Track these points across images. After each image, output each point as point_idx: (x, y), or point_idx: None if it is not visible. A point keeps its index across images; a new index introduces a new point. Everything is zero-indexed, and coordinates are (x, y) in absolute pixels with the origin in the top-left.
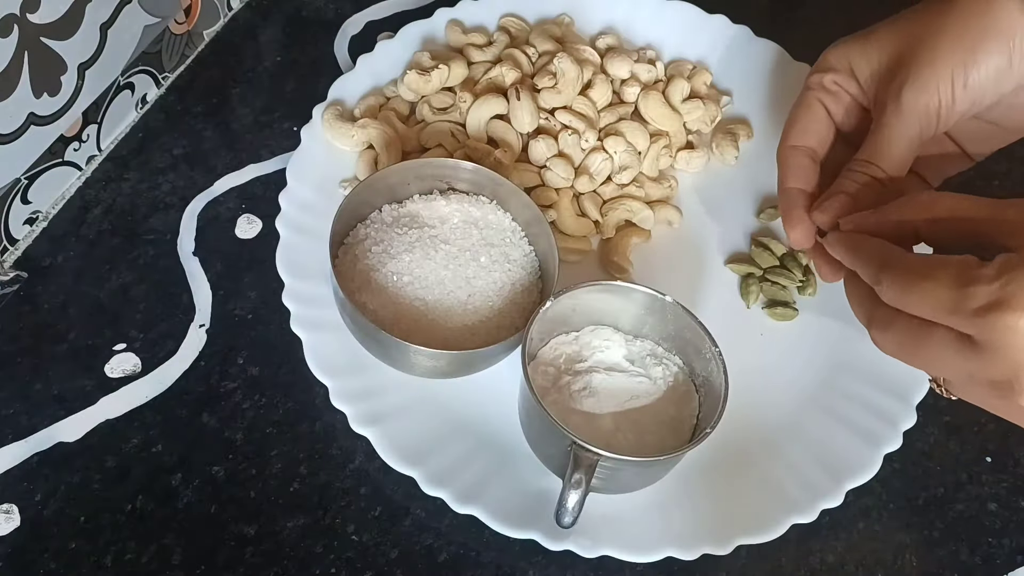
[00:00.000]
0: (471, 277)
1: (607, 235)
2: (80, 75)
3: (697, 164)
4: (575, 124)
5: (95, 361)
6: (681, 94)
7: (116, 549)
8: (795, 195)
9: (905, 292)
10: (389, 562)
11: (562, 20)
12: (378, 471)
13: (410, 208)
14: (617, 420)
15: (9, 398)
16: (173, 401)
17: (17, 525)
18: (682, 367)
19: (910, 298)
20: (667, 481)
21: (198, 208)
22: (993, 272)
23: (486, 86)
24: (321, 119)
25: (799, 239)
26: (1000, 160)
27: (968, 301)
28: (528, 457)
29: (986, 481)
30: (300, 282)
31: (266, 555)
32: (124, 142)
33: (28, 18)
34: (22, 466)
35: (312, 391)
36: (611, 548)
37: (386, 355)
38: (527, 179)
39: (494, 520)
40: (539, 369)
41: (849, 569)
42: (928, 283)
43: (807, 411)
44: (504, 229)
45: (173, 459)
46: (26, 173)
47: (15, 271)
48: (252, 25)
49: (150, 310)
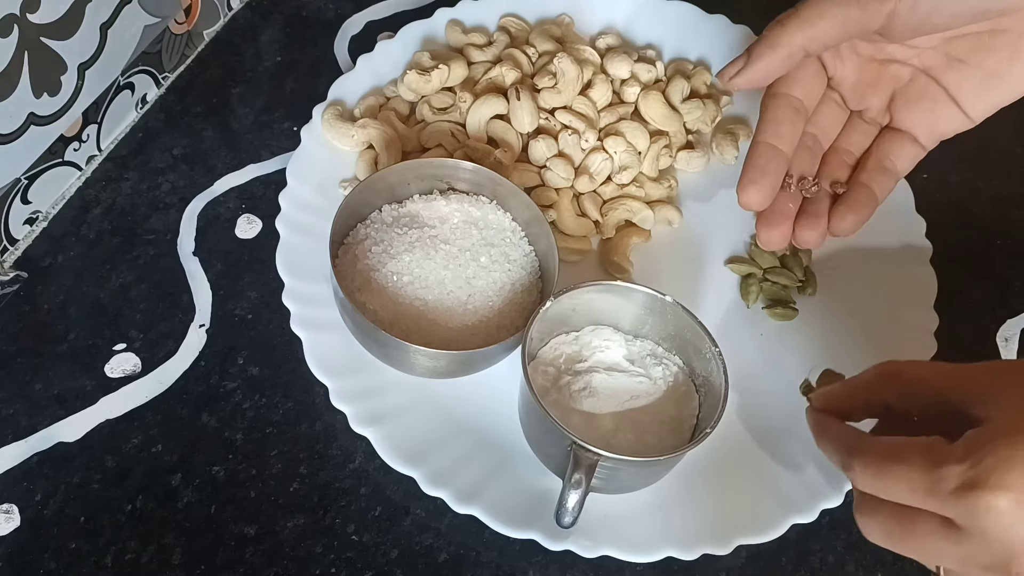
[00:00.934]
0: (471, 277)
1: (607, 235)
2: (80, 75)
3: (697, 164)
4: (575, 124)
5: (95, 361)
6: (681, 94)
7: (116, 549)
8: (764, 153)
9: (878, 477)
10: (389, 562)
11: (562, 20)
12: (378, 471)
13: (410, 208)
14: (617, 420)
15: (9, 398)
16: (173, 401)
17: (17, 525)
18: (682, 367)
19: (885, 483)
20: (667, 481)
21: (198, 208)
22: (962, 451)
23: (486, 86)
24: (321, 119)
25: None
26: (1000, 160)
27: (942, 483)
28: (528, 457)
29: None
30: (300, 282)
31: (266, 555)
32: (124, 142)
33: (28, 18)
34: (22, 466)
35: (312, 391)
36: (611, 548)
37: (386, 355)
38: (527, 179)
39: (494, 520)
40: (539, 369)
41: (849, 569)
42: (900, 466)
43: None
44: (504, 229)
45: (173, 459)
46: (26, 173)
47: (15, 271)
48: (252, 25)
49: (150, 310)
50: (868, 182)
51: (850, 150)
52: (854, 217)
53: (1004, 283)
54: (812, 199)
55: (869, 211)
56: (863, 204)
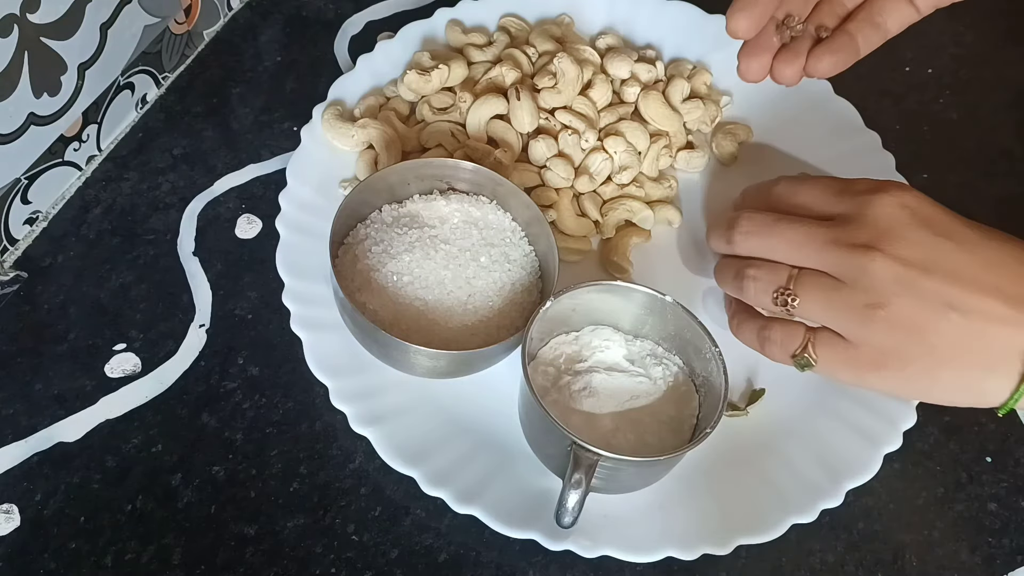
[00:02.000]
0: (471, 277)
1: (607, 235)
2: (80, 75)
3: (697, 164)
4: (575, 124)
5: (95, 361)
6: (681, 94)
7: (116, 549)
8: None
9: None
10: (389, 562)
11: (562, 20)
12: (378, 471)
13: (410, 208)
14: (617, 420)
15: (9, 398)
16: (173, 401)
17: (17, 525)
18: (682, 367)
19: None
20: (667, 481)
21: (198, 208)
22: None
23: (486, 86)
24: (321, 119)
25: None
26: (1000, 160)
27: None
28: (528, 457)
29: (986, 481)
30: (300, 282)
31: (266, 555)
32: (124, 142)
33: (28, 18)
34: (22, 466)
35: (312, 391)
36: (611, 548)
37: (386, 355)
38: (527, 179)
39: (494, 520)
40: (539, 369)
41: (849, 569)
42: None
43: (807, 411)
44: (504, 229)
45: (173, 459)
46: (26, 173)
47: (15, 271)
48: (252, 25)
49: (150, 310)
50: (854, 31)
51: (843, 2)
52: (831, 59)
53: None
54: (795, 39)
55: (848, 58)
56: (843, 49)
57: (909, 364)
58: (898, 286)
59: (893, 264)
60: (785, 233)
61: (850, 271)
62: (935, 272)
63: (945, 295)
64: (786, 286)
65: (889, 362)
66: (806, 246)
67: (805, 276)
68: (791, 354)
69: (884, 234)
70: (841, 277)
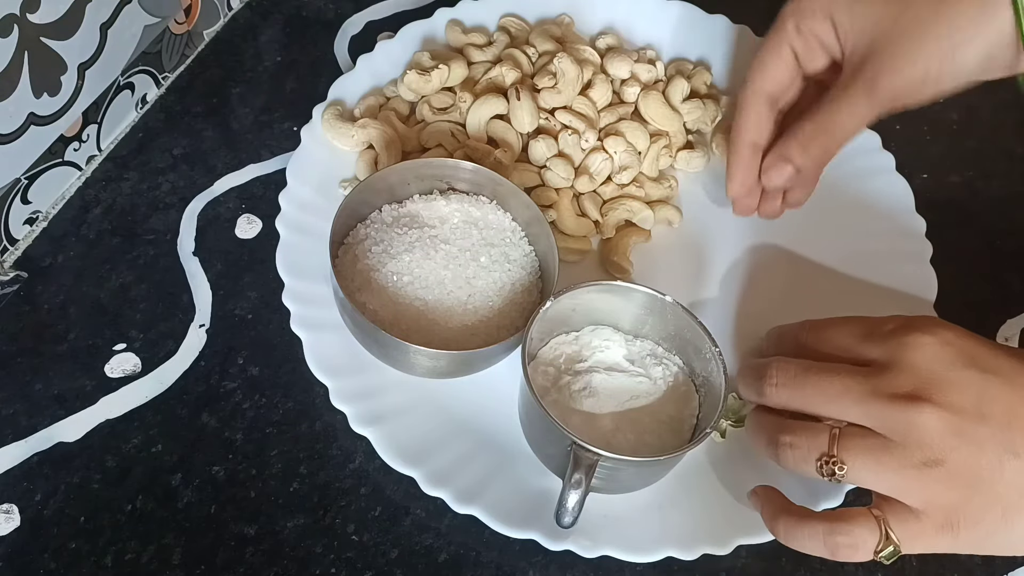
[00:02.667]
0: (471, 277)
1: (607, 235)
2: (80, 75)
3: (697, 164)
4: (575, 124)
5: (95, 361)
6: (681, 94)
7: (116, 549)
8: (745, 148)
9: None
10: (389, 562)
11: (562, 20)
12: (378, 471)
13: (410, 208)
14: (617, 420)
15: (9, 398)
16: (173, 401)
17: (17, 525)
18: (682, 367)
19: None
20: (667, 481)
21: (198, 208)
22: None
23: (486, 86)
24: (321, 119)
25: (736, 191)
26: (1000, 160)
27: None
28: (528, 457)
29: None
30: (300, 282)
31: (266, 555)
32: (124, 142)
33: (28, 18)
34: (22, 466)
35: (312, 391)
36: (611, 548)
37: (386, 355)
38: (527, 179)
39: (494, 520)
40: (539, 369)
41: (849, 569)
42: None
43: None
44: (504, 229)
45: (173, 459)
46: (26, 173)
47: (15, 271)
48: (252, 25)
49: (150, 310)
50: None
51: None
52: (801, 192)
53: (1004, 283)
54: None
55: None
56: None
57: (982, 519)
58: (955, 439)
59: (944, 414)
60: (820, 384)
61: (897, 426)
62: (990, 417)
63: (1003, 441)
64: (829, 452)
65: (961, 521)
66: (843, 398)
67: (848, 439)
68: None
69: (928, 382)
70: (888, 434)
